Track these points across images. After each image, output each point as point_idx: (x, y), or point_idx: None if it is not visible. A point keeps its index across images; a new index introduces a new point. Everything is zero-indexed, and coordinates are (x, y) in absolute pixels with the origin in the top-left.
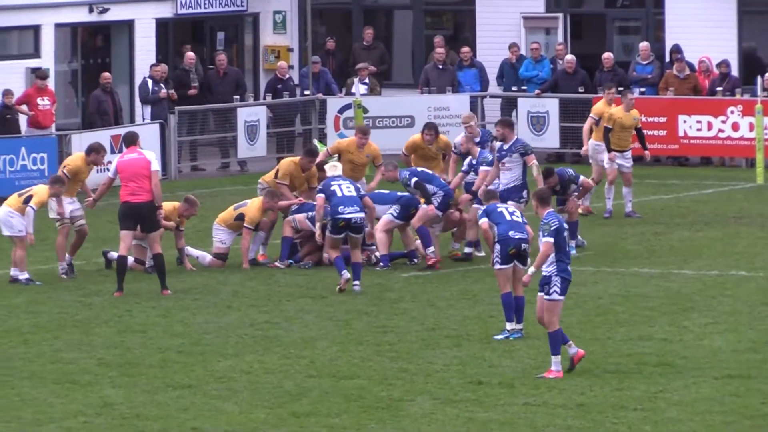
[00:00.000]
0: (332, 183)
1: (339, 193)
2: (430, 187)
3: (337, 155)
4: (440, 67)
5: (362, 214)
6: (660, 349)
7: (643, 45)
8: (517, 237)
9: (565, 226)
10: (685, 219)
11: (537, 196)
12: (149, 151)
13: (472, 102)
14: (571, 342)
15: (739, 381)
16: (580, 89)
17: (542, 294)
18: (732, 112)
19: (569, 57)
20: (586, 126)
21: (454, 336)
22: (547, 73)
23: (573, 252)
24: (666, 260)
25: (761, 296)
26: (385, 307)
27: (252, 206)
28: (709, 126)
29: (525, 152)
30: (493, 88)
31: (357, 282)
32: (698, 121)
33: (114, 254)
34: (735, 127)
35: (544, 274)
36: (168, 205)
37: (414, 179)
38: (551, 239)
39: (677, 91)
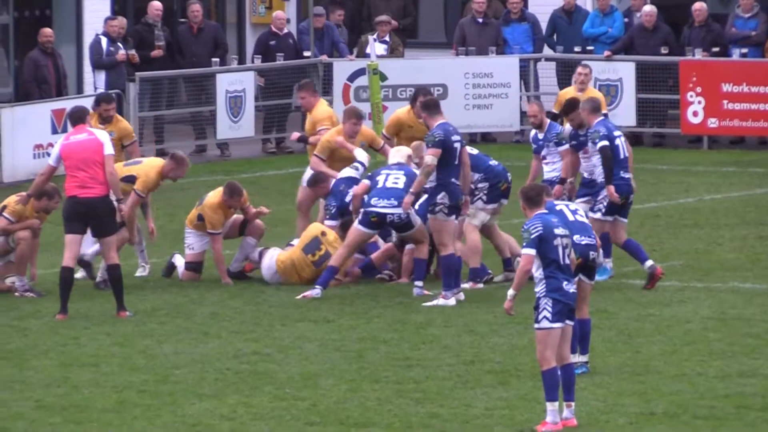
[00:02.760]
0: (382, 171)
1: (380, 184)
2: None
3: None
4: (480, 21)
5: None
6: (767, 389)
7: None
8: (583, 243)
9: (560, 231)
10: None
11: (524, 194)
12: (102, 131)
13: (523, 66)
14: (572, 402)
15: None
16: (663, 50)
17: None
18: None
19: (648, 8)
20: None
21: (498, 371)
22: (620, 29)
23: (605, 276)
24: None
25: None
26: (410, 334)
27: (208, 203)
28: None
29: (559, 142)
30: (549, 49)
31: (419, 283)
32: None
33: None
34: None
35: (536, 296)
36: (150, 169)
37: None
38: (532, 250)
39: None
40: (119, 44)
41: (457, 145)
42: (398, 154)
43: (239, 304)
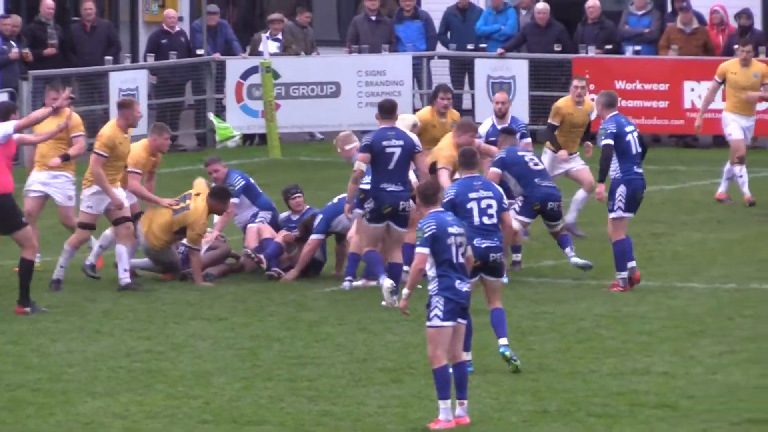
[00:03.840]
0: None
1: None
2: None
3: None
4: (374, 18)
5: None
6: (660, 387)
7: None
8: (483, 246)
9: (454, 230)
10: (693, 216)
11: (420, 192)
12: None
13: (416, 64)
14: (465, 401)
15: (762, 427)
16: (556, 47)
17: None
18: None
19: (541, 5)
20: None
21: (391, 369)
22: (513, 26)
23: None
24: (668, 270)
25: None
26: (303, 332)
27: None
28: (724, 95)
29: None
30: (442, 46)
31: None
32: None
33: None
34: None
35: (429, 294)
36: (136, 146)
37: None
38: (425, 249)
39: (682, 50)
40: (12, 42)
41: (392, 150)
42: (403, 122)
43: (132, 302)
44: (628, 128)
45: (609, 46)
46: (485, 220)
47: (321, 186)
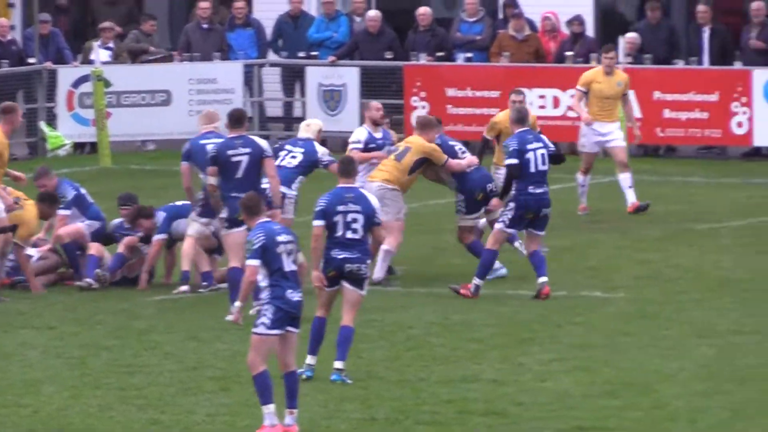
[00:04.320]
0: (286, 146)
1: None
2: None
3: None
4: (205, 27)
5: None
6: (489, 394)
7: None
8: (340, 257)
9: (283, 239)
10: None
11: (243, 204)
12: None
13: (247, 71)
14: (295, 410)
15: None
16: (388, 55)
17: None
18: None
19: (372, 13)
20: (574, 102)
21: (221, 378)
22: (345, 34)
23: (502, 272)
24: (498, 278)
25: (621, 324)
26: (132, 341)
27: None
28: (556, 102)
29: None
30: (274, 54)
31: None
32: (541, 96)
33: None
34: None
35: (262, 301)
36: None
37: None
38: (256, 261)
39: (514, 57)
40: None
41: (239, 158)
42: (306, 129)
43: None
44: (531, 146)
45: (441, 54)
46: (348, 234)
47: (152, 194)
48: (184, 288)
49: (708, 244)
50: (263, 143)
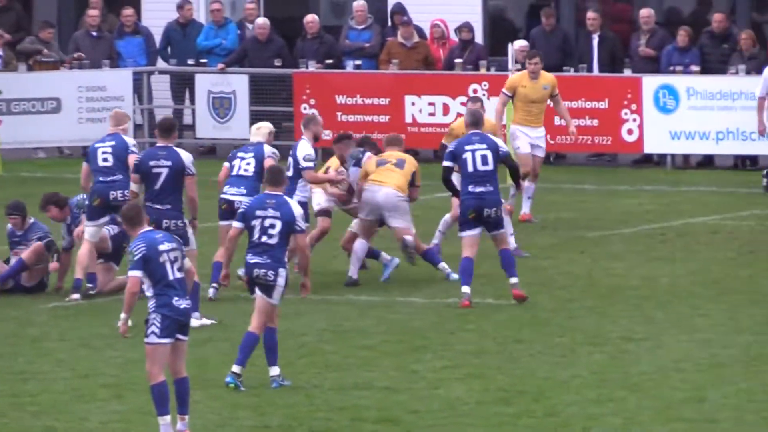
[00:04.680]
0: (238, 153)
1: (234, 171)
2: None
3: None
4: (95, 34)
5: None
6: (382, 401)
7: (358, 4)
8: (252, 261)
9: (165, 247)
10: (417, 229)
11: (123, 214)
12: None
13: (136, 79)
14: (186, 416)
15: None
16: (277, 62)
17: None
18: (476, 91)
19: (261, 20)
20: (498, 105)
21: (113, 385)
22: (233, 41)
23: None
24: (389, 285)
25: (513, 330)
26: (25, 348)
27: None
28: (446, 109)
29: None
30: (163, 61)
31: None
32: (431, 103)
33: None
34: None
35: (148, 311)
36: None
37: None
38: (137, 272)
39: (403, 64)
40: None
41: (159, 170)
42: (258, 133)
43: None
44: (470, 147)
45: (329, 61)
46: (264, 238)
47: None
48: (76, 296)
49: (599, 251)
50: (186, 158)
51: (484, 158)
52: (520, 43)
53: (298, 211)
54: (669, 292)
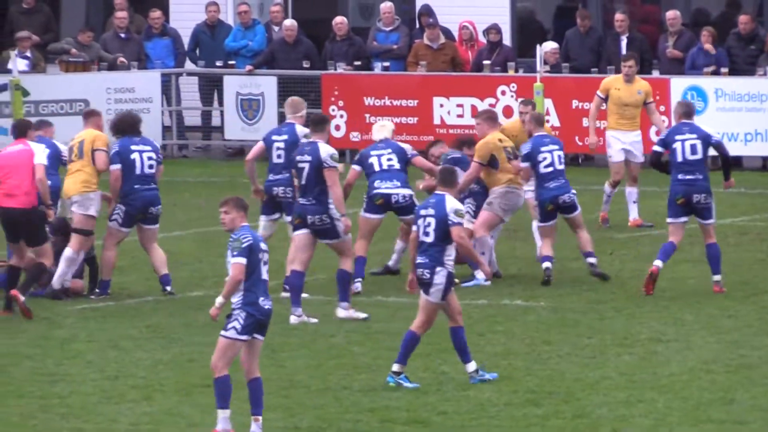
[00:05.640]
0: (371, 153)
1: (376, 167)
2: None
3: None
4: (123, 36)
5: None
6: (411, 403)
7: (386, 6)
8: (417, 261)
9: (263, 247)
10: None
11: (236, 203)
12: (38, 144)
13: (164, 81)
14: (260, 417)
15: None
16: (305, 64)
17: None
18: (504, 93)
19: (289, 22)
20: (592, 108)
21: (143, 386)
22: (261, 42)
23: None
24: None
25: (542, 332)
26: (54, 350)
27: None
28: (474, 111)
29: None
30: (191, 63)
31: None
32: (459, 105)
33: None
34: (508, 112)
35: (232, 305)
36: None
37: None
38: (243, 260)
39: (431, 66)
40: None
41: (302, 164)
42: (383, 129)
43: None
44: (680, 136)
45: (358, 63)
46: (423, 237)
47: None
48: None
49: (628, 252)
50: (325, 152)
51: (693, 148)
52: (549, 45)
53: (450, 205)
54: (698, 293)
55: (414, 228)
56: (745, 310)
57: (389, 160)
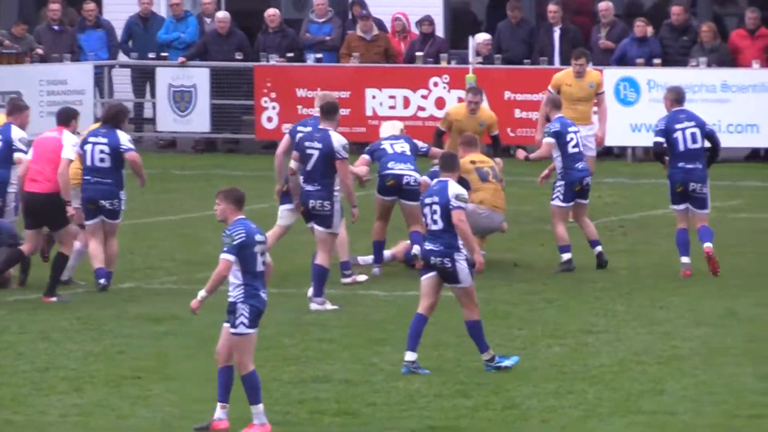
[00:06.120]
0: (382, 142)
1: (390, 151)
2: None
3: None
4: (56, 28)
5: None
6: (341, 394)
7: None
8: (428, 248)
9: (259, 238)
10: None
11: (232, 196)
12: (71, 135)
13: (97, 73)
14: (227, 405)
15: None
16: (237, 55)
17: (228, 325)
18: (436, 85)
19: (221, 14)
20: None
21: (73, 378)
22: (193, 34)
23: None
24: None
25: None
26: None
27: None
28: (406, 102)
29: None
30: (124, 55)
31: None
32: (391, 96)
33: None
34: (440, 103)
35: (229, 300)
36: None
37: None
38: (231, 257)
39: (363, 58)
40: None
41: (311, 151)
42: (393, 128)
43: None
44: (679, 125)
45: (291, 54)
46: (432, 225)
47: None
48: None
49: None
50: (337, 142)
51: (693, 136)
52: (481, 36)
53: (452, 191)
54: (629, 284)
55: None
56: (676, 301)
57: (402, 147)
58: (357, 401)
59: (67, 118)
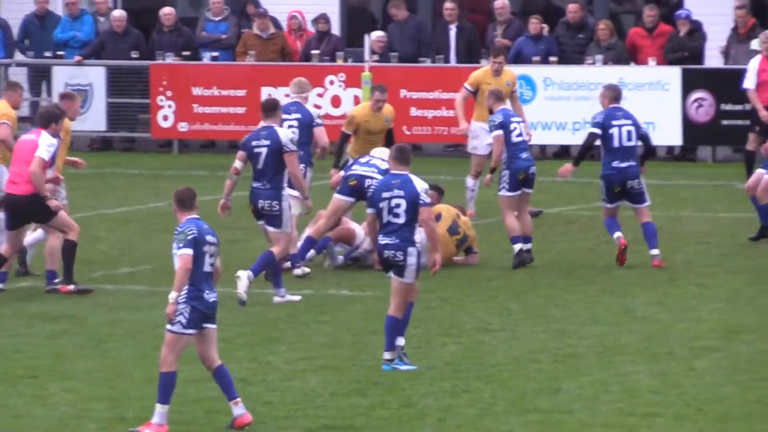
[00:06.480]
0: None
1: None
2: None
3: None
4: None
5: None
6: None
7: None
8: (383, 243)
9: (210, 239)
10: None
11: (176, 196)
12: (48, 136)
13: None
14: (238, 399)
15: None
16: (134, 54)
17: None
18: (332, 83)
19: (117, 13)
20: (459, 99)
21: None
22: (89, 33)
23: None
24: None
25: (369, 322)
26: None
27: None
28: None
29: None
30: (20, 54)
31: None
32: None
33: None
34: (336, 101)
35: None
36: None
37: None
38: (190, 250)
39: (260, 56)
40: None
41: (259, 149)
42: (382, 153)
43: None
44: (616, 122)
45: (187, 53)
46: (391, 218)
47: None
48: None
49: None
50: (284, 136)
51: (629, 134)
52: (375, 34)
53: (420, 185)
54: (525, 282)
55: (370, 211)
56: (572, 299)
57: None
58: (252, 400)
59: (47, 120)
